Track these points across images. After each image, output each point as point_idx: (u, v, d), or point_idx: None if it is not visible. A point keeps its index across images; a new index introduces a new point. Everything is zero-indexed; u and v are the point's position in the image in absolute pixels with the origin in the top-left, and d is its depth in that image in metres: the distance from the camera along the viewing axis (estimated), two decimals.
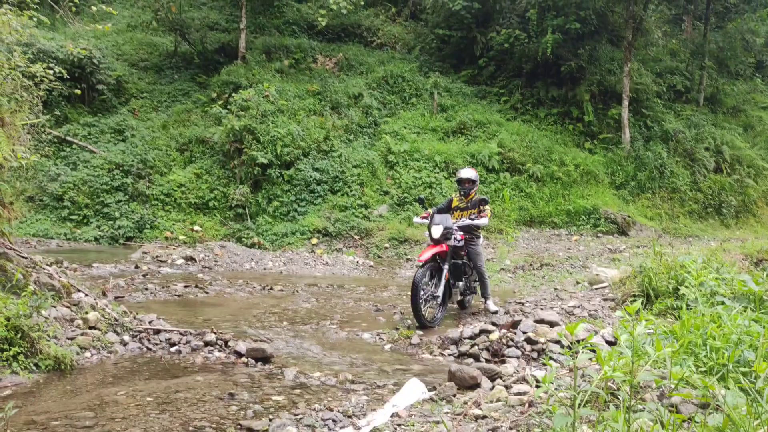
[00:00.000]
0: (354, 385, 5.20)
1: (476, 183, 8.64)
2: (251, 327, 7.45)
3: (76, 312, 6.52)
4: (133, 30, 24.67)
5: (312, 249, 15.40)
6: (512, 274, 12.50)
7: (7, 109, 6.64)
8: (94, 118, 19.51)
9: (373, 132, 19.92)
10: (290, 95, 19.96)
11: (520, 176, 18.77)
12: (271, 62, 22.36)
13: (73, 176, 17.06)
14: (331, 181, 17.53)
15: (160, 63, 23.20)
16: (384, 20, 25.89)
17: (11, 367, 5.12)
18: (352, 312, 8.76)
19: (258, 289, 10.33)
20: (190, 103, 20.99)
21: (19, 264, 6.51)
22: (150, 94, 21.65)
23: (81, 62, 18.61)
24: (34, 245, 14.38)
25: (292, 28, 24.99)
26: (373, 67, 22.94)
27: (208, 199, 17.31)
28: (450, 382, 4.81)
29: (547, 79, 22.05)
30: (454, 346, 6.50)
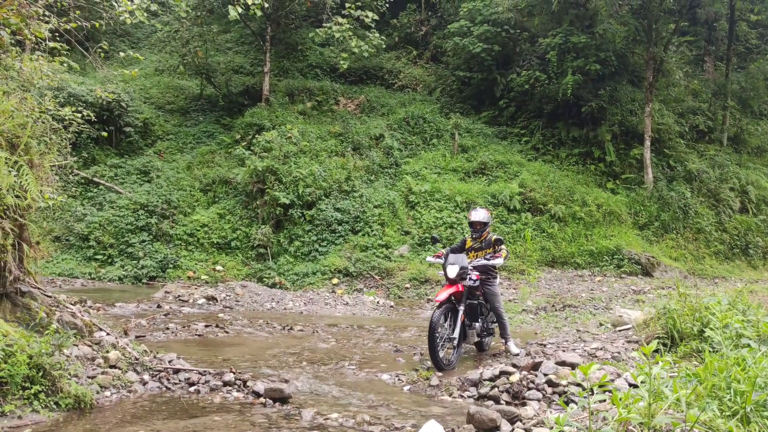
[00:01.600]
0: (372, 426, 5.15)
1: (488, 224, 8.56)
2: (270, 367, 7.43)
3: (97, 351, 6.57)
4: (160, 74, 25.34)
5: (333, 289, 15.39)
6: (534, 315, 12.36)
7: (36, 151, 6.82)
8: (120, 160, 19.95)
9: (394, 172, 20.06)
10: (312, 136, 20.25)
11: (541, 216, 18.70)
12: (294, 104, 22.76)
13: (99, 216, 17.37)
14: (353, 221, 17.61)
15: (186, 105, 23.75)
16: (405, 63, 26.31)
17: (32, 405, 5.15)
18: (371, 352, 8.70)
19: (278, 328, 10.32)
20: (214, 144, 21.38)
21: (43, 303, 6.60)
22: (176, 135, 22.11)
23: (109, 105, 19.12)
24: (59, 284, 14.58)
25: (314, 71, 25.48)
26: (395, 108, 23.23)
27: (230, 239, 17.47)
28: (469, 425, 4.74)
29: (567, 120, 22.12)
30: (474, 388, 6.41)
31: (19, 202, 5.90)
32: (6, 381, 5.08)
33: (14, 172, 5.81)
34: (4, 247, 5.86)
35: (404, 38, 27.15)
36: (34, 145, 6.79)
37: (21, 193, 5.90)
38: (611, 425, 2.88)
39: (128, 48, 22.46)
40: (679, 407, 3.18)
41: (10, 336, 5.39)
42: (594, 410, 3.74)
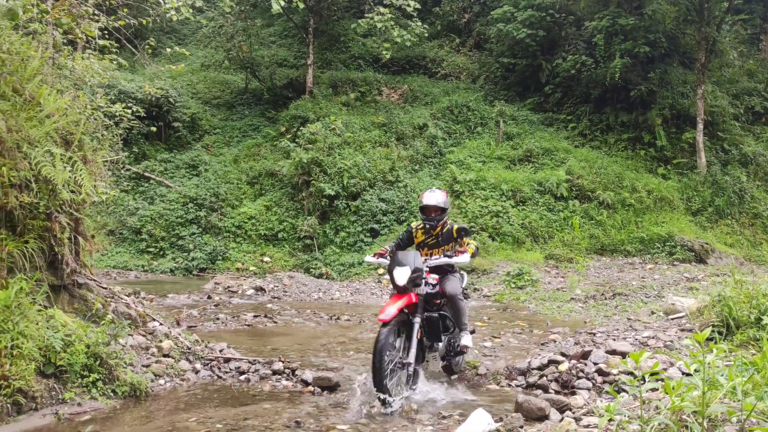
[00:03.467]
0: (419, 415, 5.15)
1: (446, 211, 6.42)
2: (318, 356, 7.52)
3: (151, 340, 6.75)
4: (206, 69, 25.77)
5: (379, 279, 15.45)
6: (583, 303, 12.17)
7: (89, 147, 7.02)
8: (170, 154, 20.40)
9: (438, 162, 19.97)
10: (356, 127, 20.30)
11: (589, 203, 18.35)
12: (337, 96, 22.86)
13: (151, 210, 17.80)
14: (397, 211, 17.62)
15: (232, 100, 24.10)
16: (448, 51, 26.11)
17: (90, 393, 5.33)
18: None
19: (325, 318, 10.42)
20: (260, 137, 21.66)
21: (99, 294, 6.81)
22: (222, 130, 22.48)
23: (158, 101, 19.55)
24: (114, 276, 15.02)
25: (357, 62, 25.52)
26: (438, 97, 23.10)
27: (277, 230, 17.70)
28: (517, 413, 4.70)
29: (616, 105, 21.62)
30: (522, 377, 6.35)
31: (74, 197, 6.08)
32: (66, 369, 5.27)
33: (69, 168, 5.99)
34: (61, 241, 6.06)
35: (447, 26, 26.93)
36: (87, 142, 6.99)
37: (76, 188, 6.08)
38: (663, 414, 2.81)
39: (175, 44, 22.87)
40: (734, 396, 3.09)
41: (69, 326, 5.58)
42: (646, 399, 3.66)
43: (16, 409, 4.80)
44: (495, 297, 13.30)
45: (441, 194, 6.47)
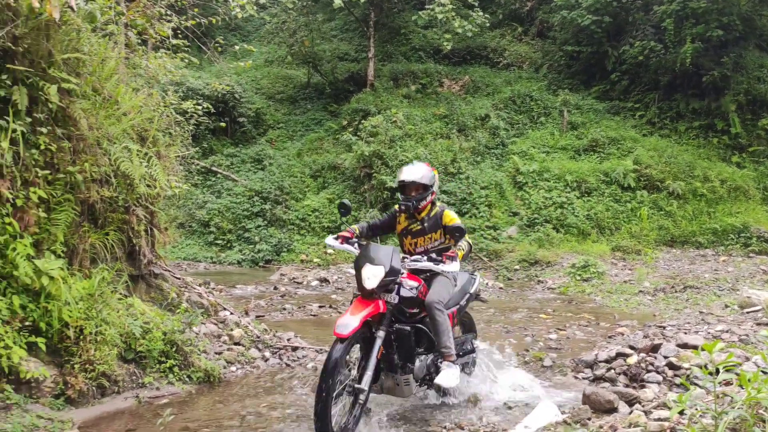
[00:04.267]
0: (484, 404, 5.18)
1: (431, 189, 5.20)
2: None
3: (222, 329, 7.00)
4: (269, 65, 26.25)
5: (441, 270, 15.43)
6: (652, 296, 11.86)
7: (162, 143, 7.30)
8: (236, 149, 20.91)
9: (500, 153, 19.76)
10: (417, 119, 20.30)
11: (658, 194, 17.79)
12: (398, 88, 22.89)
13: (218, 204, 18.31)
14: (459, 203, 17.55)
15: (295, 94, 24.49)
16: (510, 40, 25.74)
17: (168, 378, 5.58)
18: (482, 333, 8.69)
19: None
20: (322, 131, 21.94)
21: (173, 284, 7.09)
22: (286, 124, 22.88)
23: (224, 97, 20.05)
24: (185, 268, 15.55)
25: (418, 54, 25.48)
26: (500, 87, 22.83)
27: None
28: (584, 405, 4.67)
29: (686, 91, 20.84)
30: (589, 369, 6.28)
31: (149, 191, 6.36)
32: (145, 355, 5.54)
33: (145, 163, 6.26)
34: (139, 233, 6.35)
35: (509, 15, 26.53)
36: (160, 138, 7.28)
37: (151, 182, 6.35)
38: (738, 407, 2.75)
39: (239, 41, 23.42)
40: None
41: (147, 314, 5.86)
42: (719, 393, 3.58)
43: (101, 392, 5.07)
44: (560, 289, 13.11)
45: (422, 168, 5.22)
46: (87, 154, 5.60)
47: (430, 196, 5.19)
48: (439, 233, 5.18)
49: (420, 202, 5.13)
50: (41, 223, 5.12)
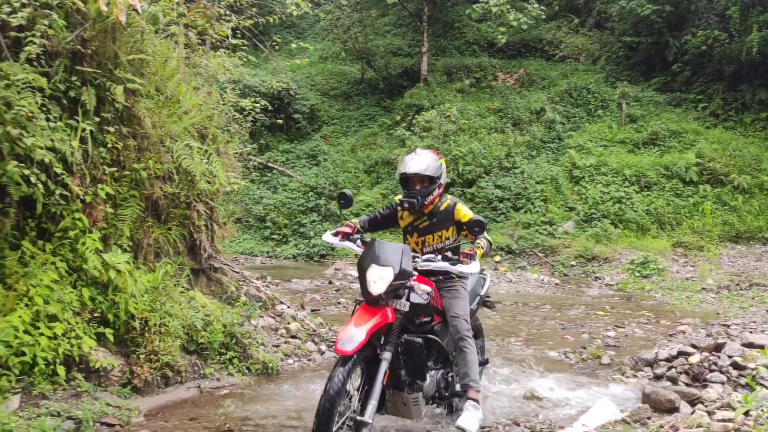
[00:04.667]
0: (540, 401, 5.14)
1: (438, 181, 4.42)
2: None
3: (279, 322, 7.14)
4: (324, 61, 26.50)
5: (495, 266, 15.34)
6: (715, 294, 11.49)
7: (221, 140, 7.49)
8: (291, 145, 21.22)
9: (556, 147, 19.45)
10: (471, 114, 20.17)
11: (722, 188, 17.18)
12: (451, 83, 22.78)
13: (274, 199, 18.63)
14: (514, 198, 17.38)
15: (349, 90, 24.67)
16: (566, 32, 25.26)
17: (227, 369, 5.74)
18: (537, 329, 8.61)
19: None
20: (375, 126, 22.04)
21: (232, 278, 7.27)
22: (340, 120, 23.08)
23: (279, 94, 20.36)
24: (242, 262, 15.89)
25: (472, 48, 25.28)
26: (556, 80, 22.45)
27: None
28: (644, 405, 4.58)
29: (753, 82, 20.02)
30: (649, 368, 6.14)
31: (209, 187, 6.53)
32: (206, 347, 5.70)
33: (205, 160, 6.43)
34: (199, 228, 6.53)
35: (565, 6, 26.04)
36: (219, 135, 7.47)
37: (211, 178, 6.52)
38: None
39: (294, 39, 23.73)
40: None
41: (207, 307, 6.02)
42: None
43: (165, 382, 5.25)
44: (618, 286, 12.85)
45: (427, 157, 4.41)
46: (151, 151, 5.79)
47: (437, 190, 4.41)
48: (451, 230, 4.44)
49: (426, 197, 4.34)
50: (108, 219, 5.33)
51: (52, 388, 4.53)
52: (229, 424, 4.53)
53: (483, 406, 4.30)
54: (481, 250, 4.18)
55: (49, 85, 4.92)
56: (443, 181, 4.45)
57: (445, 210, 4.44)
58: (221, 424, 4.52)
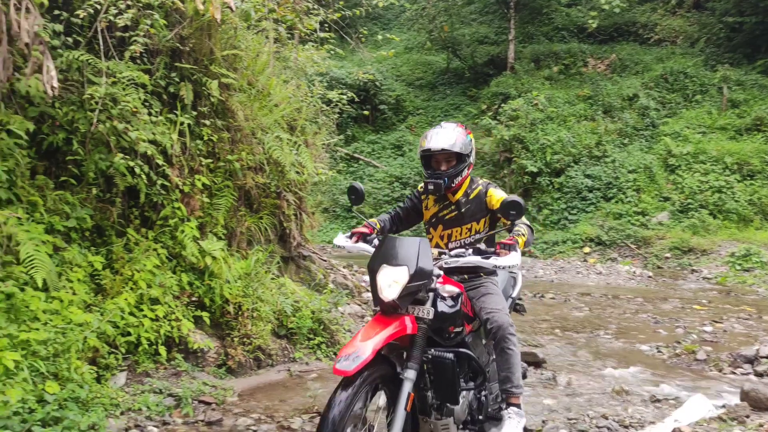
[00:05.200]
0: (630, 396, 5.00)
1: (468, 158, 3.64)
2: (522, 332, 7.54)
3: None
4: (409, 52, 26.54)
5: (584, 258, 14.96)
6: None
7: (310, 132, 7.69)
8: (376, 136, 21.44)
9: (650, 134, 18.68)
10: (560, 102, 19.69)
11: None
12: (539, 70, 22.30)
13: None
14: (604, 188, 16.86)
15: (434, 80, 24.61)
16: (662, 14, 24.13)
17: (316, 354, 5.91)
18: (628, 323, 8.36)
19: (529, 296, 10.38)
20: (461, 116, 21.90)
21: (320, 266, 7.48)
22: (425, 110, 23.08)
23: (365, 86, 20.58)
24: (329, 251, 16.22)
25: (561, 34, 24.62)
26: (650, 65, 21.52)
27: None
28: (742, 402, 4.38)
29: None
30: (749, 365, 5.85)
31: (298, 178, 6.73)
32: (295, 332, 5.90)
33: (294, 151, 6.62)
34: (289, 217, 6.75)
35: None
36: (308, 127, 7.67)
37: (300, 169, 6.72)
38: None
39: (380, 30, 23.90)
40: None
41: (297, 293, 6.23)
42: None
43: (257, 364, 5.48)
44: (716, 279, 12.25)
45: (454, 131, 3.62)
46: (243, 143, 6.03)
47: (467, 170, 3.66)
48: (483, 222, 3.66)
49: (453, 178, 3.59)
50: (205, 208, 5.60)
51: (154, 367, 4.82)
52: (317, 406, 4.67)
53: (526, 408, 4.15)
54: (522, 238, 3.32)
55: (151, 81, 5.22)
56: (473, 160, 3.72)
57: (476, 197, 3.66)
58: (309, 406, 4.67)
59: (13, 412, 3.52)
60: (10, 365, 3.73)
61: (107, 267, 4.94)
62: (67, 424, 3.67)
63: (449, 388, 3.25)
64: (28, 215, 4.50)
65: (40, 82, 4.39)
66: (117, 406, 4.12)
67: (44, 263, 4.29)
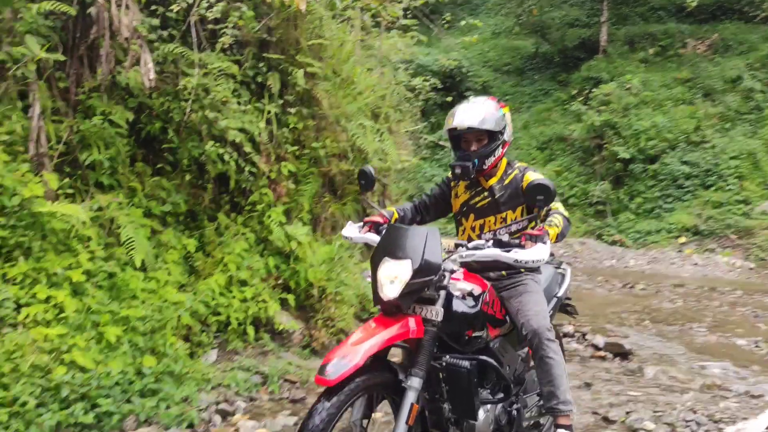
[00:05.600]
0: (722, 391, 4.79)
1: (501, 137, 3.18)
2: (610, 323, 7.36)
3: None
4: (497, 37, 26.09)
5: (679, 248, 14.32)
6: None
7: (393, 119, 7.75)
8: None
9: (755, 118, 17.54)
10: (655, 85, 18.83)
11: None
12: (633, 53, 21.39)
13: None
14: (703, 175, 16.02)
15: (522, 65, 24.10)
16: None
17: None
18: (724, 316, 7.97)
19: (618, 286, 10.09)
20: (550, 102, 21.38)
21: None
22: (512, 96, 22.66)
23: (451, 72, 20.44)
24: None
25: (657, 14, 23.49)
26: (757, 44, 20.16)
27: (567, 196, 17.41)
28: None
29: None
30: None
31: (382, 165, 6.80)
32: None
33: (378, 139, 6.70)
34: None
35: None
36: (392, 114, 7.73)
37: (383, 156, 6.79)
38: None
39: (467, 15, 23.65)
40: None
41: None
42: None
43: None
44: None
45: (485, 105, 3.21)
46: (328, 131, 6.17)
47: (501, 149, 3.18)
48: (520, 210, 3.17)
49: (484, 159, 3.12)
50: (291, 194, 5.78)
51: (243, 346, 5.04)
52: None
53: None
54: (554, 228, 2.83)
55: (240, 71, 5.43)
56: (509, 137, 3.21)
57: (512, 182, 3.16)
58: None
59: (115, 382, 3.79)
60: (112, 339, 4.02)
61: (199, 249, 5.21)
62: (162, 396, 3.92)
63: (465, 400, 2.84)
64: (128, 200, 4.80)
65: (139, 75, 4.66)
66: (208, 382, 4.34)
67: (142, 245, 4.58)
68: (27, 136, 4.29)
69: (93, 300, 4.17)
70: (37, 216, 4.08)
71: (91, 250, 4.37)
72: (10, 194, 3.97)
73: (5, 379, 3.45)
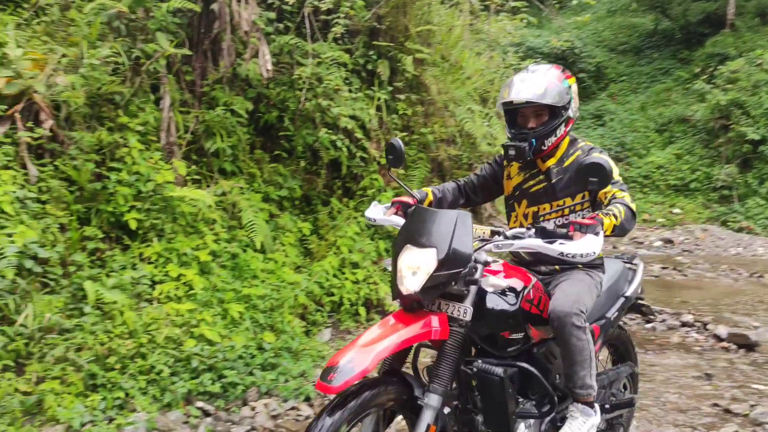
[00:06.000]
0: None
1: (564, 113, 2.74)
2: (733, 313, 6.95)
3: None
4: (612, 15, 24.99)
5: None
6: None
7: None
8: None
9: None
10: None
11: None
12: (765, 25, 19.85)
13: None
14: None
15: (639, 44, 22.96)
16: None
17: None
18: None
19: (744, 275, 9.48)
20: (670, 81, 20.26)
21: None
22: (629, 76, 21.67)
23: (564, 54, 19.82)
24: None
25: None
26: None
27: (688, 180, 16.50)
28: None
29: None
30: None
31: (490, 149, 6.77)
32: None
33: (486, 123, 6.67)
34: None
35: None
36: None
37: (492, 140, 6.75)
38: None
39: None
40: None
41: None
42: None
43: None
44: None
45: (546, 76, 2.77)
46: (436, 116, 6.23)
47: (564, 128, 2.76)
48: (580, 197, 2.71)
49: (544, 139, 2.69)
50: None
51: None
52: None
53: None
54: (610, 219, 2.33)
55: (351, 60, 5.59)
56: (574, 113, 2.82)
57: (573, 165, 2.66)
58: None
59: (239, 355, 4.06)
60: (236, 316, 4.30)
61: (314, 233, 5.44)
62: (281, 370, 4.15)
63: (498, 412, 2.46)
64: (248, 185, 5.10)
65: (257, 66, 4.92)
66: (323, 359, 4.54)
67: (262, 228, 4.85)
68: (158, 126, 4.65)
69: (218, 279, 4.48)
70: (169, 200, 4.43)
71: (215, 232, 4.69)
72: (145, 180, 4.32)
73: (143, 349, 3.79)
